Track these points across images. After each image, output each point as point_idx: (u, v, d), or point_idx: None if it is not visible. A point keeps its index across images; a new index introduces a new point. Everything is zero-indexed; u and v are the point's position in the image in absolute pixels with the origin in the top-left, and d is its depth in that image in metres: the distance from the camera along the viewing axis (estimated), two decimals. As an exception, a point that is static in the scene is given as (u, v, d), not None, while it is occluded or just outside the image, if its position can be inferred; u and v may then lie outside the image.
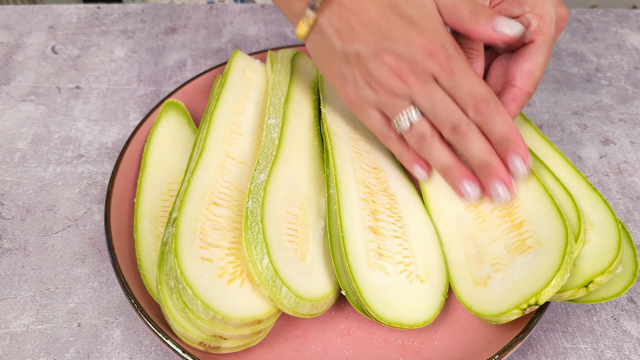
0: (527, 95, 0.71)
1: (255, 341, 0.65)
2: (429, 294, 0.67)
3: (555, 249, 0.62)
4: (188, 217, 0.66)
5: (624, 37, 1.13)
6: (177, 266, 0.60)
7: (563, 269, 0.60)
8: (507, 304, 0.62)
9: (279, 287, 0.61)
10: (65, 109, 0.96)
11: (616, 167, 0.90)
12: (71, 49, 1.07)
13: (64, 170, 0.87)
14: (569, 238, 0.62)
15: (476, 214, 0.71)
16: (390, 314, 0.64)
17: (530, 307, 0.61)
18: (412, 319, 0.64)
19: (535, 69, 0.71)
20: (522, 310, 0.61)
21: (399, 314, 0.64)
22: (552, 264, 0.61)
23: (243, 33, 1.12)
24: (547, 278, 0.60)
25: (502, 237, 0.67)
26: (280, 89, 0.82)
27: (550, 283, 0.60)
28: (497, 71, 0.75)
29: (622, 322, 0.73)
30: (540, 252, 0.63)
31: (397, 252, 0.68)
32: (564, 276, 0.61)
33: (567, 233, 0.62)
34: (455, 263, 0.69)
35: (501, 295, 0.63)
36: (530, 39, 0.71)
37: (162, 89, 1.00)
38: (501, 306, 0.62)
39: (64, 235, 0.80)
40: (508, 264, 0.65)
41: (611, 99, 1.01)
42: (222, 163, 0.73)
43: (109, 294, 0.74)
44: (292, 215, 0.69)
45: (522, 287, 0.62)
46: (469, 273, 0.68)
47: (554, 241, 0.63)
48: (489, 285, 0.65)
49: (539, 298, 0.60)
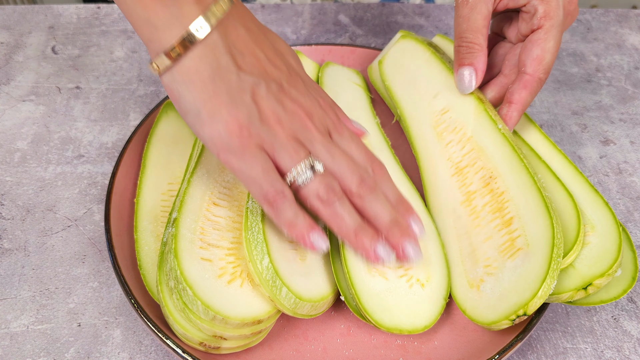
0: (538, 82, 0.71)
1: (255, 341, 0.65)
2: (430, 299, 0.67)
3: (542, 252, 0.62)
4: (188, 217, 0.66)
5: (624, 37, 1.13)
6: (177, 266, 0.60)
7: (550, 278, 0.60)
8: (497, 313, 0.62)
9: (279, 287, 0.61)
10: (65, 109, 0.96)
11: (616, 167, 0.90)
12: (71, 49, 1.07)
13: (64, 170, 0.87)
14: (556, 240, 0.62)
15: (470, 209, 0.71)
16: (390, 320, 0.64)
17: (519, 318, 0.61)
18: (411, 324, 0.64)
19: (545, 54, 0.70)
20: (511, 321, 0.61)
21: (398, 320, 0.64)
22: (539, 272, 0.61)
23: (243, 33, 1.12)
24: (535, 288, 0.60)
25: (494, 235, 0.67)
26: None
27: (537, 294, 0.60)
28: (512, 61, 0.75)
29: (622, 322, 0.73)
30: (528, 255, 0.63)
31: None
32: (551, 284, 0.61)
33: (554, 234, 0.62)
34: (451, 261, 0.70)
35: (493, 303, 0.63)
36: (538, 25, 0.70)
37: (162, 89, 1.00)
38: (492, 315, 0.63)
39: (64, 235, 0.79)
40: (499, 267, 0.65)
41: (611, 99, 1.01)
42: (222, 163, 0.73)
43: (109, 294, 0.74)
44: (293, 215, 0.69)
45: (512, 296, 0.62)
46: (464, 272, 0.68)
47: (541, 243, 0.63)
48: (482, 290, 0.65)
49: (527, 309, 0.60)
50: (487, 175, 0.71)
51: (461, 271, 0.68)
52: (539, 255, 0.62)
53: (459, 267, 0.68)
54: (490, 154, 0.71)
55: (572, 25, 1.15)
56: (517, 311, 0.60)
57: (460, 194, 0.72)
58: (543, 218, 0.64)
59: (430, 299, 0.67)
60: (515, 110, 0.72)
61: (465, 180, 0.72)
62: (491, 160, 0.71)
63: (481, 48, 0.72)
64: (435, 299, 0.67)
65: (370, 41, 1.10)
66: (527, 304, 0.60)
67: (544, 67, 0.71)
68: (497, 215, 0.68)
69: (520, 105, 0.72)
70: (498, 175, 0.70)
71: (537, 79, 0.71)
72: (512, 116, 0.72)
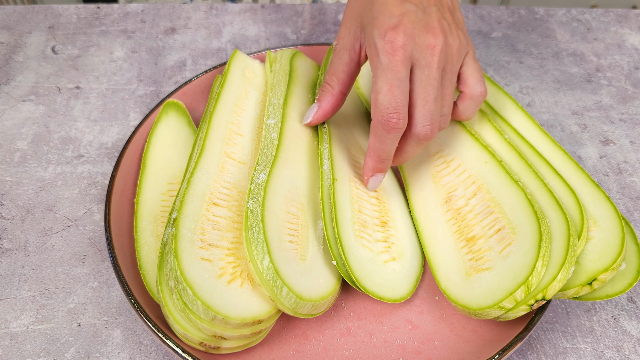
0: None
1: (255, 341, 0.65)
2: (403, 274, 0.71)
3: (561, 238, 0.63)
4: (188, 217, 0.66)
5: (624, 37, 1.13)
6: (177, 266, 0.60)
7: (568, 262, 0.61)
8: (496, 296, 0.63)
9: (280, 287, 0.61)
10: (65, 109, 0.96)
11: (616, 167, 0.90)
12: (71, 49, 1.07)
13: (64, 170, 0.87)
14: (571, 229, 0.63)
15: (459, 199, 0.72)
16: (371, 285, 0.67)
17: (537, 302, 0.61)
18: (387, 292, 0.68)
19: (376, 96, 0.70)
20: (529, 306, 0.61)
21: (378, 287, 0.67)
22: (557, 257, 0.62)
23: (243, 33, 1.12)
24: (554, 272, 0.61)
25: (484, 221, 0.68)
26: (279, 88, 0.82)
27: (557, 277, 0.60)
28: None
29: (622, 322, 0.73)
30: (516, 242, 0.64)
31: (380, 239, 0.71)
32: (569, 270, 0.61)
33: (568, 224, 0.63)
34: (443, 253, 0.70)
35: (486, 291, 0.64)
36: None
37: (162, 89, 1.00)
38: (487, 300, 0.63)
39: (64, 235, 0.80)
40: (492, 258, 0.65)
41: (611, 99, 1.01)
42: (221, 163, 0.73)
43: (109, 294, 0.74)
44: (292, 215, 0.69)
45: (505, 282, 0.63)
46: (461, 261, 0.68)
47: (560, 230, 0.63)
48: (477, 279, 0.66)
49: (545, 293, 0.61)
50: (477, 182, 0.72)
51: (456, 262, 0.68)
52: (559, 241, 0.63)
53: (454, 255, 0.69)
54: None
55: (572, 25, 1.15)
56: (535, 295, 0.61)
57: (447, 191, 0.74)
58: (560, 211, 0.65)
59: (404, 274, 0.70)
60: None
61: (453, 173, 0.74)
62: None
63: (332, 89, 0.76)
64: (409, 274, 0.71)
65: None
66: (546, 288, 0.60)
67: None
68: (485, 201, 0.70)
69: None
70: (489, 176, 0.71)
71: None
72: None
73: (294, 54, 0.91)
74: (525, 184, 0.69)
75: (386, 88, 0.66)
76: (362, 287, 0.65)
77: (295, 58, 0.91)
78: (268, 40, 1.11)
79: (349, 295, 0.72)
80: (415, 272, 0.72)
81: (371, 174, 0.72)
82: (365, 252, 0.69)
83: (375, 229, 0.72)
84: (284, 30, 1.12)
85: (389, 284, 0.68)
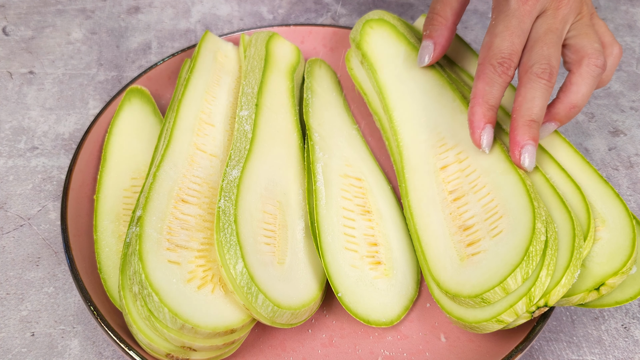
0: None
1: (227, 353, 0.65)
2: (394, 295, 0.71)
3: (566, 240, 0.63)
4: (154, 215, 0.66)
5: (635, 16, 1.14)
6: (142, 270, 0.60)
7: (573, 266, 0.61)
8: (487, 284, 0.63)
9: (255, 294, 0.61)
10: (17, 96, 0.96)
11: (627, 160, 0.91)
12: (24, 30, 1.07)
13: (16, 163, 0.87)
14: (576, 230, 0.63)
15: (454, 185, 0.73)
16: (362, 310, 0.68)
17: (539, 310, 0.61)
18: (376, 314, 0.68)
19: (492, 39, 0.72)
20: (530, 314, 0.61)
21: (366, 309, 0.68)
22: (562, 260, 0.62)
23: (214, 12, 1.12)
24: (558, 276, 0.61)
25: (477, 209, 0.69)
26: (254, 76, 0.82)
27: (560, 282, 0.61)
28: None
29: (633, 331, 0.74)
30: (508, 233, 0.65)
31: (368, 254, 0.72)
32: (574, 273, 0.62)
33: (573, 224, 0.63)
34: (437, 243, 0.70)
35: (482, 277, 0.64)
36: None
37: (125, 74, 1.00)
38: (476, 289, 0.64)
39: (15, 235, 0.79)
40: (487, 248, 0.66)
41: (621, 85, 1.02)
42: (191, 156, 0.73)
43: (65, 300, 0.74)
44: (269, 214, 0.69)
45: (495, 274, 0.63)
46: (454, 249, 0.68)
47: (565, 230, 0.64)
48: (473, 263, 0.66)
49: (548, 299, 0.61)
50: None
51: (450, 253, 0.69)
52: (563, 242, 0.63)
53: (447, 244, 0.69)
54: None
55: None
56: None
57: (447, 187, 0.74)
58: (564, 209, 0.65)
59: (394, 295, 0.70)
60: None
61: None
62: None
63: (445, 21, 0.76)
64: (400, 295, 0.71)
65: (355, 21, 1.10)
66: (549, 293, 0.61)
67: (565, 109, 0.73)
68: (478, 188, 0.71)
69: None
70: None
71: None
72: None
73: (270, 36, 0.91)
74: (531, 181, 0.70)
75: (507, 33, 0.69)
76: (353, 312, 0.67)
77: (272, 41, 0.91)
78: (242, 20, 1.11)
79: (332, 302, 0.72)
80: (409, 292, 0.72)
81: (483, 124, 0.71)
82: (353, 271, 0.70)
83: (365, 247, 0.72)
84: (259, 10, 1.12)
85: (379, 308, 0.69)
